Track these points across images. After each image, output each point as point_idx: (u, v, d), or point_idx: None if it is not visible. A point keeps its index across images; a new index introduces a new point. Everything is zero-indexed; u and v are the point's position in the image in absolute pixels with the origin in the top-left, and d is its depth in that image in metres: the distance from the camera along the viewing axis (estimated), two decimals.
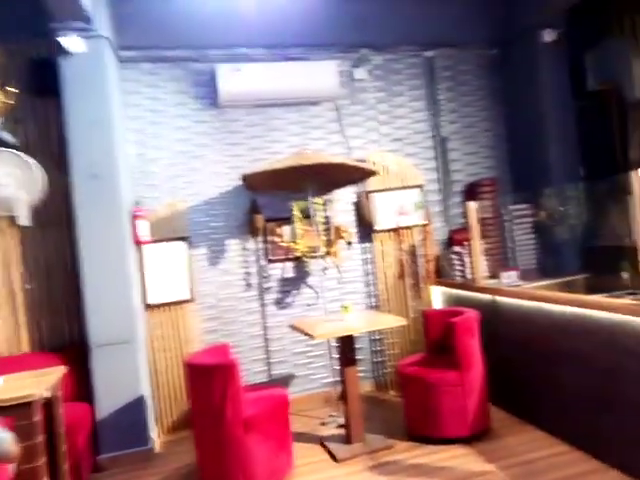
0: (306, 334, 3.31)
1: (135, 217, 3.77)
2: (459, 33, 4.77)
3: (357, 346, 3.61)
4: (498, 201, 4.71)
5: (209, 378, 2.86)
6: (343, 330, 3.27)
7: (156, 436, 3.76)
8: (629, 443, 2.66)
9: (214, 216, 4.26)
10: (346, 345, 3.38)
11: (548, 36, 4.47)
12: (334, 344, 4.19)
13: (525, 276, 4.13)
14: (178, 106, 4.23)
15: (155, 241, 3.97)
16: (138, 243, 3.81)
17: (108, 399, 3.45)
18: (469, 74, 4.91)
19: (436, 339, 3.73)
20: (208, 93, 4.27)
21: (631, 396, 2.62)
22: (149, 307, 3.94)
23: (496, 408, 3.64)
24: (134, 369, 3.51)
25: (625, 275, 4.21)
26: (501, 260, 4.56)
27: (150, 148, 4.16)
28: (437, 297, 4.57)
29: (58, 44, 3.40)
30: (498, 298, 3.75)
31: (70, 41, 3.42)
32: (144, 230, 3.82)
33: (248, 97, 4.23)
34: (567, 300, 3.11)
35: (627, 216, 4.36)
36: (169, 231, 4.04)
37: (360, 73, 4.56)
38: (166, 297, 3.98)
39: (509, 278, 3.97)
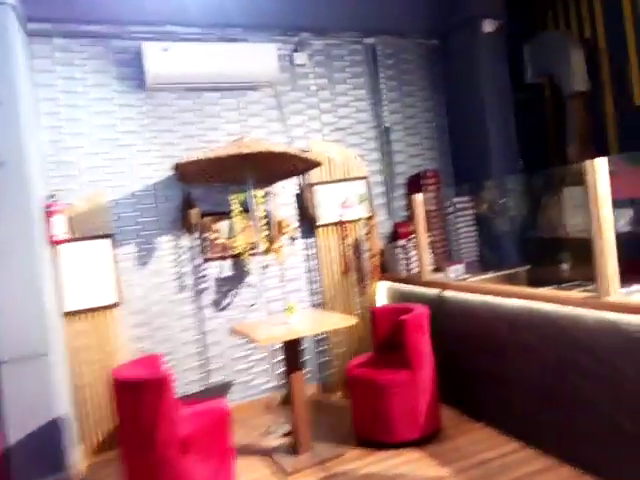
0: (250, 339, 3.04)
1: (49, 213, 3.30)
2: (401, 21, 4.64)
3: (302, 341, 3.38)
4: (441, 193, 4.65)
5: (138, 394, 2.52)
6: (289, 333, 3.02)
7: (80, 459, 3.35)
8: (581, 438, 2.63)
9: (143, 211, 3.86)
10: (292, 349, 3.14)
11: (488, 26, 4.43)
12: (276, 347, 3.95)
13: (469, 269, 4.08)
14: (99, 88, 3.79)
15: (74, 240, 3.53)
16: (53, 242, 3.35)
17: (20, 422, 3.00)
18: (411, 63, 4.79)
19: (385, 337, 3.58)
20: (134, 74, 3.85)
21: (582, 390, 2.58)
22: (68, 315, 3.50)
23: (446, 406, 3.54)
24: (51, 386, 3.07)
25: (565, 266, 4.27)
26: (445, 253, 4.50)
27: (67, 135, 3.69)
28: (383, 293, 4.44)
29: None
30: (445, 292, 3.66)
31: None
32: (60, 227, 3.37)
33: (180, 80, 3.86)
34: (517, 293, 3.05)
35: (563, 208, 4.45)
36: (90, 228, 3.61)
37: (301, 58, 4.31)
38: (88, 302, 3.55)
39: (456, 271, 3.89)
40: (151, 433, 2.50)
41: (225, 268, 4.04)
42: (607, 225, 2.37)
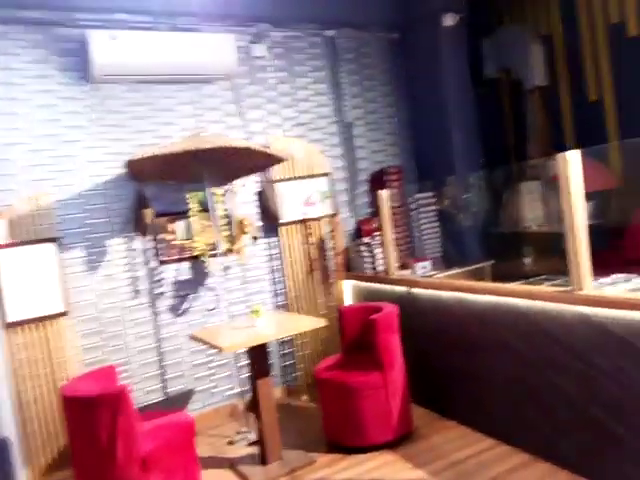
0: (212, 346, 2.86)
1: None
2: (361, 14, 4.54)
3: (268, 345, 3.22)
4: (404, 189, 4.59)
5: (92, 411, 2.30)
6: (255, 338, 2.86)
7: None
8: (557, 433, 2.60)
9: (91, 211, 3.58)
10: (258, 355, 2.98)
11: (449, 20, 4.40)
12: (240, 350, 3.77)
13: (435, 265, 4.04)
14: (40, 79, 3.48)
15: (14, 245, 3.23)
16: None
17: None
18: (372, 57, 4.71)
19: (354, 338, 3.47)
20: (79, 64, 3.57)
21: (558, 384, 2.55)
22: (11, 326, 3.20)
23: (416, 406, 3.47)
24: None
25: (528, 260, 4.31)
26: (408, 250, 4.45)
27: (3, 130, 3.37)
28: (348, 292, 4.33)
29: None
30: (413, 290, 3.59)
31: None
32: None
33: (130, 71, 3.60)
34: (487, 289, 3.01)
35: (523, 203, 4.50)
36: (32, 231, 3.32)
37: (259, 50, 4.14)
38: (33, 312, 3.26)
39: (423, 268, 3.83)
40: (109, 452, 2.30)
41: (183, 271, 3.82)
42: (580, 219, 2.35)
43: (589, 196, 3.81)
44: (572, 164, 2.33)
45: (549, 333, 2.57)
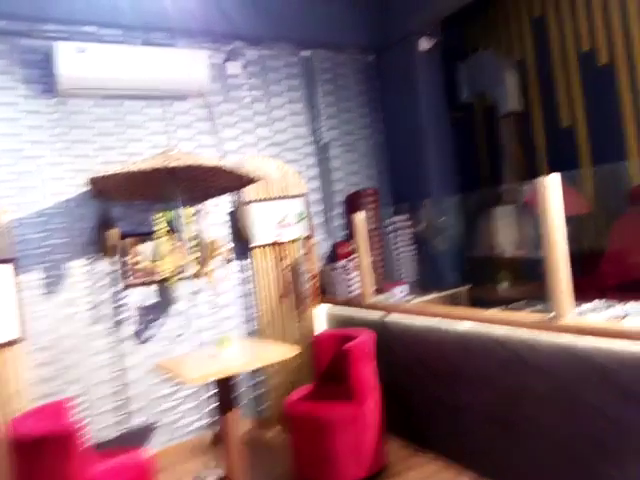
0: (177, 378, 2.67)
1: None
2: (338, 35, 4.52)
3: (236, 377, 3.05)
4: (380, 212, 4.52)
5: (38, 452, 2.09)
6: (223, 370, 2.68)
7: None
8: (538, 467, 2.49)
9: (52, 231, 3.38)
10: (225, 387, 2.80)
11: (424, 44, 4.40)
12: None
13: (411, 290, 3.95)
14: (2, 91, 3.31)
15: None
16: None
17: None
18: (349, 78, 4.67)
19: (327, 367, 3.32)
20: (43, 77, 3.41)
21: (540, 417, 2.45)
22: None
23: (393, 437, 3.32)
24: None
25: (505, 285, 4.25)
26: (385, 274, 4.35)
27: None
28: (323, 317, 4.19)
29: None
30: (390, 316, 3.47)
31: None
32: None
33: (98, 85, 3.46)
34: (466, 316, 2.91)
35: (498, 227, 4.47)
36: None
37: (234, 68, 4.04)
38: None
39: (400, 293, 3.73)
40: None
41: (149, 295, 3.62)
42: (560, 245, 2.28)
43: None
44: (551, 189, 2.27)
45: (529, 362, 2.47)
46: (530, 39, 4.69)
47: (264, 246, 4.01)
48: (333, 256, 4.34)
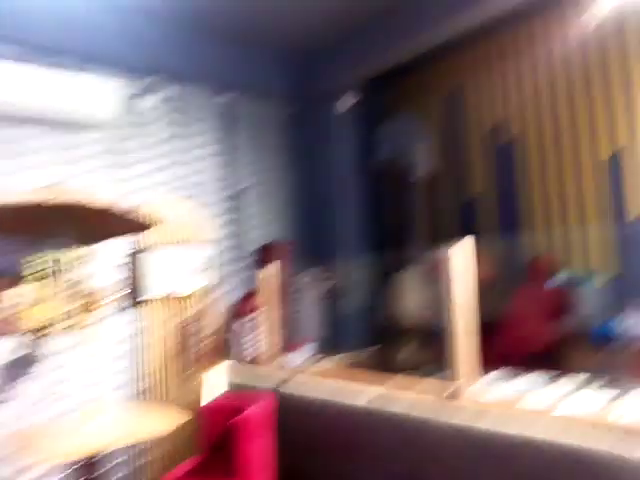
0: (30, 455, 2.22)
1: None
2: (260, 83, 4.46)
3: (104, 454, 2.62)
4: (290, 266, 4.33)
5: None
6: (86, 448, 2.27)
7: None
8: None
9: None
10: (88, 467, 2.37)
11: (345, 103, 4.43)
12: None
13: (316, 352, 3.74)
14: None
15: None
16: None
17: None
18: (271, 126, 4.58)
19: (217, 437, 2.96)
20: None
21: None
22: None
23: None
24: None
25: (411, 351, 4.15)
26: (292, 332, 4.11)
27: None
28: (220, 379, 3.83)
29: None
30: (292, 379, 3.21)
31: None
32: None
33: None
34: (369, 384, 2.72)
35: (407, 291, 4.42)
36: None
37: (146, 102, 3.80)
38: None
39: (306, 354, 3.51)
40: None
41: (11, 350, 3.11)
42: (464, 315, 2.18)
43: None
44: (455, 256, 2.19)
45: (427, 441, 2.30)
46: (445, 108, 4.87)
47: (160, 297, 3.66)
48: (238, 311, 4.05)
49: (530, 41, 4.27)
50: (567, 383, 2.27)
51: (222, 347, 3.88)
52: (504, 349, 3.29)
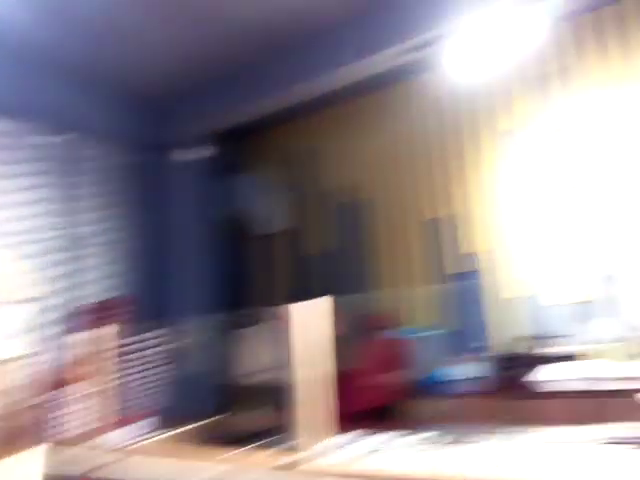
0: None
1: None
2: (103, 127, 4.19)
3: None
4: (131, 326, 3.95)
5: None
6: None
7: None
8: None
9: None
10: None
11: (193, 153, 4.35)
12: None
13: (160, 421, 3.38)
14: None
15: None
16: None
17: None
18: (113, 173, 4.29)
19: None
20: None
21: None
22: None
23: None
24: None
25: (263, 416, 3.96)
26: (124, 404, 3.68)
27: None
28: (36, 464, 3.24)
29: None
30: (122, 461, 2.81)
31: None
32: None
33: None
34: (202, 462, 2.47)
35: (251, 350, 4.27)
36: None
37: None
38: None
39: (143, 428, 3.14)
40: None
41: None
42: (313, 378, 2.10)
43: None
44: (295, 314, 2.14)
45: None
46: (298, 166, 5.01)
47: None
48: (59, 381, 3.53)
49: (380, 107, 4.62)
50: (410, 440, 2.28)
51: (42, 425, 3.32)
52: (349, 406, 3.27)
